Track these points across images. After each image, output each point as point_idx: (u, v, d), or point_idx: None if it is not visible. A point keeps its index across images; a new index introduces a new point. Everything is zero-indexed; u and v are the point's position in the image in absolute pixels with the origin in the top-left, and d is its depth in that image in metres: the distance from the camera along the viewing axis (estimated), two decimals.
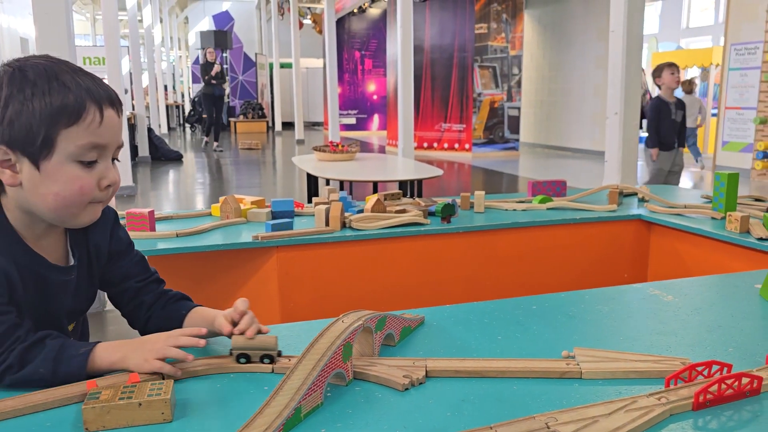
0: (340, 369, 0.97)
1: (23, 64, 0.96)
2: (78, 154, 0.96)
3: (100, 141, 0.98)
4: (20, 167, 0.96)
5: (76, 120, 0.94)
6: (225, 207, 2.27)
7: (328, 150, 5.52)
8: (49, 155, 0.95)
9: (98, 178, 0.99)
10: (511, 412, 0.90)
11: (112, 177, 1.01)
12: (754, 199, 2.58)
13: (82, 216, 1.02)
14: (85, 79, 0.98)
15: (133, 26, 9.67)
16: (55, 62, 0.98)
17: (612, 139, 3.72)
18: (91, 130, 0.96)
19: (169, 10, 19.64)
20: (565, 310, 1.32)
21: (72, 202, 0.98)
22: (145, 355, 0.98)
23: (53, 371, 0.94)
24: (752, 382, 0.94)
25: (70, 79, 0.96)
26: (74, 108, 0.94)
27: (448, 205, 2.21)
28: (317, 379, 0.90)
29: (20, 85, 0.94)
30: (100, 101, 0.97)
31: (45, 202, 0.98)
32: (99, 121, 0.96)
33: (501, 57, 10.76)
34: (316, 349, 0.95)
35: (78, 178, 0.97)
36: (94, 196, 1.00)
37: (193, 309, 1.17)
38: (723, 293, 1.45)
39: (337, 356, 0.96)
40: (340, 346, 0.97)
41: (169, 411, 0.87)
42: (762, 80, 7.54)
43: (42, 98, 0.93)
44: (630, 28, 3.60)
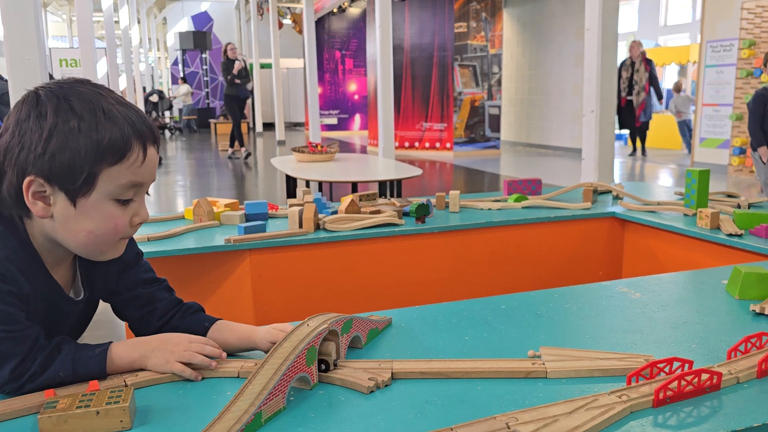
0: (304, 373, 0.96)
1: (68, 93, 0.92)
2: (117, 193, 0.94)
3: (140, 180, 0.96)
4: (54, 200, 0.93)
5: (120, 159, 0.92)
6: (198, 210, 2.25)
7: (307, 151, 5.50)
8: (88, 193, 0.93)
9: (132, 215, 0.98)
10: (474, 412, 0.90)
11: (144, 214, 1.00)
12: (727, 195, 2.61)
13: (110, 252, 1.01)
14: (131, 113, 0.95)
15: (110, 27, 9.55)
16: (100, 92, 0.95)
17: (588, 137, 3.74)
18: (133, 170, 0.94)
19: (147, 11, 19.47)
20: (533, 310, 1.32)
21: (104, 240, 0.97)
22: (167, 357, 1.00)
23: (73, 373, 0.95)
24: (712, 377, 0.95)
25: (117, 114, 0.93)
26: (120, 147, 0.92)
27: (423, 205, 2.21)
28: (279, 384, 0.90)
29: (66, 117, 0.90)
30: (145, 140, 0.95)
31: (76, 238, 0.96)
32: (142, 161, 0.95)
33: (481, 56, 10.79)
34: (278, 354, 0.95)
35: (114, 216, 0.96)
36: (124, 233, 0.99)
37: (216, 322, 1.15)
38: (690, 289, 1.47)
39: (300, 360, 0.95)
40: (304, 350, 0.96)
41: (128, 418, 0.86)
42: (737, 77, 7.64)
43: (89, 134, 0.90)
44: (605, 26, 3.63)
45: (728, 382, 0.97)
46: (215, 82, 20.21)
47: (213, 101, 19.86)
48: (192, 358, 1.00)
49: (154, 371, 1.00)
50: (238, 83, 9.98)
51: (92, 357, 0.98)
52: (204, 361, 1.01)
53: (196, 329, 1.13)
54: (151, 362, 1.00)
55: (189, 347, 1.02)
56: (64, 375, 0.95)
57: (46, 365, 0.94)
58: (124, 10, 13.19)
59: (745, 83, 7.61)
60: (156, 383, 1.00)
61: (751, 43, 7.51)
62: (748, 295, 1.36)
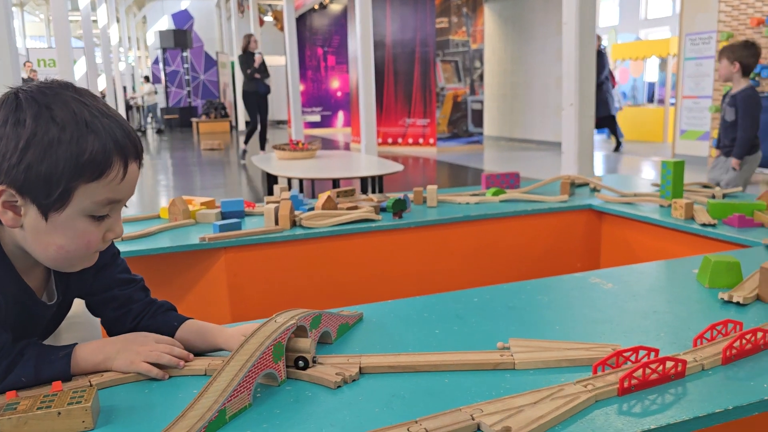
0: (271, 369, 0.96)
1: (50, 100, 0.87)
2: (92, 209, 0.91)
3: (118, 197, 0.93)
4: (25, 211, 0.89)
5: (99, 176, 0.88)
6: (173, 209, 2.23)
7: (288, 148, 5.48)
8: (61, 208, 0.89)
9: (105, 230, 0.95)
10: (441, 405, 0.90)
11: (118, 230, 0.97)
12: (703, 185, 2.63)
13: (80, 265, 0.98)
14: (114, 125, 0.90)
15: (87, 26, 9.47)
16: (84, 101, 0.90)
17: (568, 131, 3.76)
18: (112, 187, 0.90)
19: (126, 10, 19.29)
20: (505, 302, 1.32)
21: (75, 255, 0.94)
22: (132, 357, 0.99)
23: (36, 377, 0.94)
24: (677, 365, 0.96)
25: (100, 125, 0.88)
26: (100, 163, 0.87)
27: (399, 200, 2.21)
28: (244, 380, 0.89)
29: (46, 127, 0.85)
30: (126, 155, 0.91)
31: (46, 251, 0.92)
32: (121, 178, 0.91)
33: (463, 51, 10.80)
34: (244, 350, 0.94)
35: (87, 233, 0.92)
36: (98, 248, 0.97)
37: (185, 322, 1.13)
38: (661, 279, 1.48)
39: (267, 356, 0.95)
40: (270, 346, 0.95)
41: (90, 419, 0.85)
42: (716, 69, 7.70)
43: (68, 147, 0.85)
44: (582, 20, 3.64)
45: (693, 370, 0.98)
46: (196, 81, 20.07)
47: (195, 100, 19.72)
48: (159, 359, 0.99)
49: (119, 372, 0.99)
50: (258, 78, 9.21)
51: (56, 361, 0.96)
52: (172, 361, 1.00)
53: (165, 329, 1.12)
54: (117, 364, 0.99)
55: (156, 347, 1.01)
56: (26, 380, 0.94)
57: (8, 370, 0.93)
58: (102, 9, 13.05)
59: None
60: (121, 383, 0.99)
61: (728, 36, 7.57)
62: (717, 284, 1.38)
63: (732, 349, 1.02)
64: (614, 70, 13.58)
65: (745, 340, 1.03)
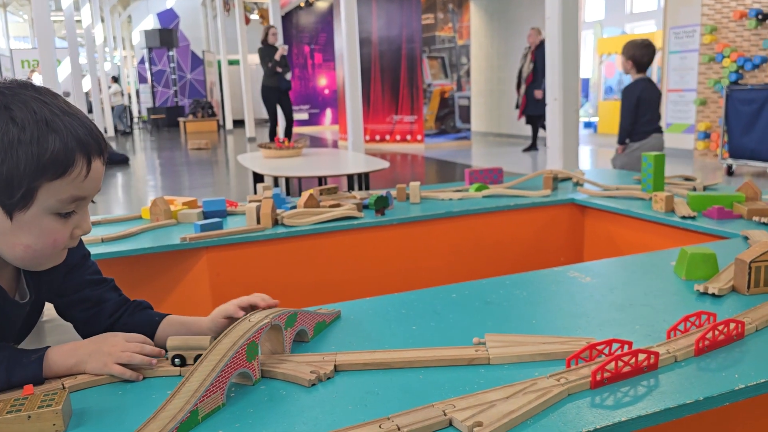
0: (245, 369, 0.95)
1: (9, 100, 0.87)
2: (58, 207, 0.90)
3: (83, 194, 0.92)
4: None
5: (62, 174, 0.88)
6: (154, 209, 2.22)
7: (274, 147, 5.46)
8: (25, 207, 0.88)
9: (73, 227, 0.95)
10: (415, 401, 0.90)
11: (86, 226, 0.96)
12: (685, 178, 2.65)
13: (48, 263, 0.98)
14: (75, 123, 0.90)
15: (71, 26, 9.38)
16: (44, 100, 0.89)
17: (553, 125, 3.77)
18: (76, 184, 0.90)
19: (111, 9, 19.12)
20: (483, 297, 1.33)
21: (42, 254, 0.94)
22: (104, 360, 0.98)
23: (7, 380, 0.93)
24: (649, 357, 0.96)
25: (61, 123, 0.87)
26: (62, 161, 0.87)
27: (381, 197, 2.21)
28: (217, 380, 0.89)
29: (5, 127, 0.85)
30: (89, 152, 0.90)
31: (13, 250, 0.92)
32: (85, 175, 0.90)
33: (449, 47, 10.80)
34: (217, 350, 0.94)
35: (53, 231, 0.92)
36: (66, 246, 0.96)
37: (166, 317, 1.14)
38: (640, 272, 1.48)
39: (240, 356, 0.94)
40: (244, 345, 0.95)
41: (61, 422, 0.84)
42: (700, 62, 7.76)
43: (29, 147, 0.85)
44: (565, 15, 3.65)
45: (666, 361, 0.99)
46: (183, 80, 19.96)
47: (182, 99, 19.61)
48: (131, 359, 0.99)
49: (93, 375, 0.99)
50: (279, 72, 8.56)
51: (28, 364, 0.95)
52: (144, 360, 0.99)
53: (146, 325, 1.12)
54: (89, 367, 0.98)
55: (126, 347, 1.00)
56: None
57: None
58: (86, 9, 12.94)
59: (708, 68, 7.74)
60: (94, 385, 0.98)
61: (712, 29, 7.62)
62: (694, 276, 1.39)
63: (705, 341, 1.02)
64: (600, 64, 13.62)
65: (718, 331, 1.04)
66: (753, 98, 6.32)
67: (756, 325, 1.11)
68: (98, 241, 1.96)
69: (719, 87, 7.55)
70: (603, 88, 13.88)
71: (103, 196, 7.13)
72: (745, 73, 7.39)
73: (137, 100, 21.05)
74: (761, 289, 1.28)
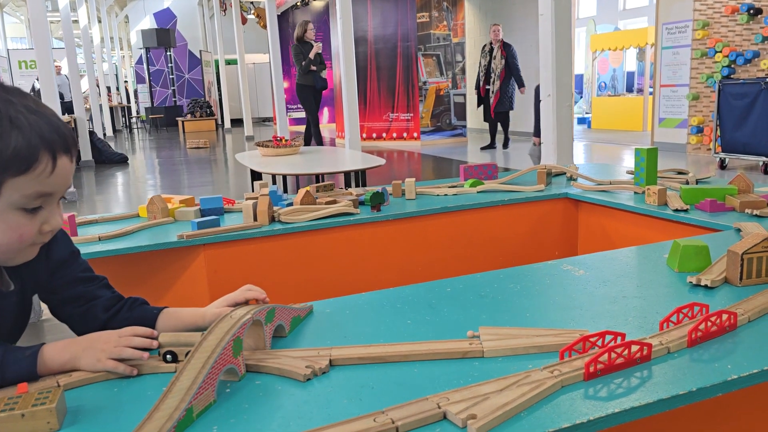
0: (232, 365, 0.96)
1: None
2: (23, 203, 0.91)
3: (48, 190, 0.92)
4: None
5: (25, 170, 0.88)
6: (151, 207, 2.22)
7: (271, 145, 5.46)
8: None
9: (41, 223, 0.94)
10: (410, 394, 0.90)
11: (54, 222, 0.96)
12: (678, 172, 2.66)
13: (18, 258, 0.98)
14: (41, 120, 0.90)
15: (67, 27, 9.36)
16: (9, 98, 0.90)
17: (546, 121, 3.77)
18: (40, 180, 0.90)
19: (108, 9, 19.06)
20: (477, 291, 1.33)
21: (9, 249, 0.94)
22: (98, 355, 0.98)
23: (1, 376, 0.93)
24: (642, 349, 0.97)
25: (25, 121, 0.88)
26: (25, 157, 0.88)
27: (377, 193, 2.21)
28: (207, 377, 0.89)
29: None
30: (55, 149, 0.91)
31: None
32: (50, 171, 0.91)
33: (444, 45, 10.80)
34: (205, 347, 0.94)
35: (19, 226, 0.92)
36: (34, 241, 0.96)
37: (164, 310, 1.16)
38: (632, 265, 1.49)
39: (227, 352, 0.95)
40: (230, 341, 0.95)
41: (55, 420, 0.84)
42: (692, 57, 7.77)
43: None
44: (558, 11, 3.65)
45: (659, 353, 0.99)
46: (181, 80, 19.94)
47: (180, 99, 19.59)
48: (121, 353, 0.99)
49: (87, 371, 0.99)
50: (314, 70, 8.05)
51: (22, 359, 0.96)
52: (134, 354, 0.99)
53: (146, 319, 1.13)
54: (83, 363, 0.99)
55: (119, 342, 1.00)
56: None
57: None
58: (82, 9, 12.89)
59: (700, 63, 7.75)
60: (90, 383, 0.98)
61: (704, 24, 7.63)
62: (687, 268, 1.39)
63: (697, 332, 1.03)
64: (594, 61, 13.63)
65: (711, 322, 1.05)
66: (745, 92, 6.34)
67: (748, 316, 1.11)
68: (95, 240, 1.96)
69: (712, 82, 7.56)
70: (596, 84, 13.89)
71: (102, 195, 7.14)
72: (737, 67, 7.41)
73: (135, 99, 21.01)
74: (753, 281, 1.29)
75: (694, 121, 7.81)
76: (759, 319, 1.12)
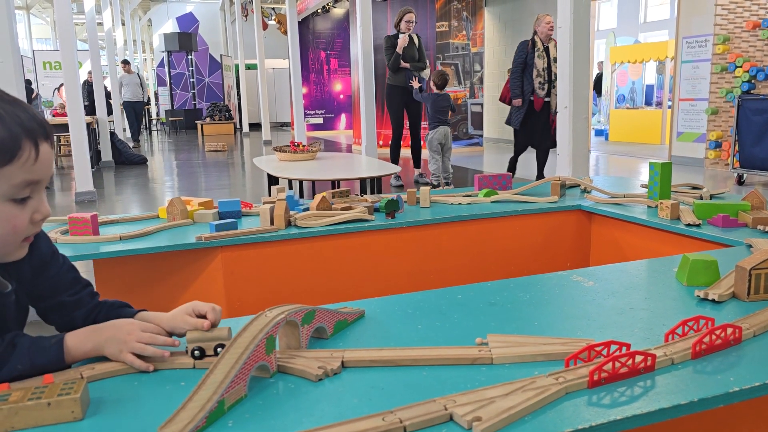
0: (264, 361, 1.00)
1: None
2: (12, 193, 0.92)
3: (35, 178, 0.94)
4: None
5: (10, 160, 0.90)
6: (171, 209, 2.28)
7: (289, 150, 5.52)
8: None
9: (31, 212, 0.96)
10: (418, 396, 0.93)
11: (44, 210, 0.98)
12: (692, 186, 2.67)
13: (14, 254, 1.00)
14: (18, 110, 0.92)
15: (92, 29, 9.52)
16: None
17: (563, 133, 3.80)
18: (27, 168, 0.91)
19: (131, 13, 19.35)
20: (487, 299, 1.36)
21: (5, 242, 0.95)
22: (120, 346, 1.02)
23: (31, 365, 0.97)
24: (646, 359, 0.99)
25: (3, 113, 0.90)
26: (9, 147, 0.89)
27: (392, 200, 2.25)
28: (240, 372, 0.93)
29: None
30: (36, 137, 0.92)
31: None
32: (34, 158, 0.92)
33: (463, 54, 10.84)
34: (239, 343, 0.98)
35: (12, 217, 0.94)
36: (27, 232, 0.98)
37: (139, 313, 1.16)
38: (642, 278, 1.51)
39: (260, 349, 0.98)
40: (263, 339, 0.99)
41: (79, 410, 0.88)
42: (712, 72, 7.74)
43: None
44: (576, 24, 3.68)
45: (663, 364, 1.01)
46: (201, 83, 20.16)
47: (200, 102, 19.80)
48: (143, 351, 1.03)
49: (110, 364, 1.03)
50: (407, 68, 6.47)
51: (48, 347, 1.00)
52: (156, 353, 1.03)
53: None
54: (107, 351, 1.03)
55: (141, 337, 1.04)
56: (22, 367, 0.97)
57: (3, 359, 0.96)
58: (107, 12, 13.11)
59: (720, 78, 7.71)
60: (111, 375, 1.02)
61: (725, 39, 7.60)
62: (695, 282, 1.41)
63: (702, 344, 1.05)
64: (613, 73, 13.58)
65: (715, 335, 1.07)
66: (765, 108, 6.29)
67: (754, 331, 1.13)
68: (116, 239, 2.01)
69: (731, 97, 7.52)
70: (615, 97, 13.83)
71: (122, 196, 7.24)
72: (757, 83, 7.36)
73: (156, 102, 21.26)
74: (761, 296, 1.30)
75: (712, 135, 7.77)
76: (764, 334, 1.14)
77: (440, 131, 6.39)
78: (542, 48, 6.17)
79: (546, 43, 6.19)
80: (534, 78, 6.11)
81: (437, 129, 6.39)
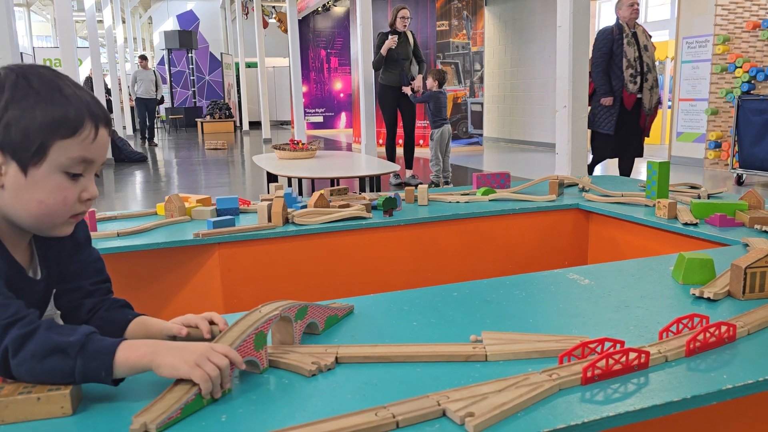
0: (252, 357, 1.00)
1: (27, 72, 0.98)
2: (67, 165, 0.98)
3: (90, 156, 1.00)
4: (6, 169, 0.96)
5: (72, 133, 0.97)
6: (169, 206, 2.28)
7: (288, 148, 5.52)
8: (39, 163, 0.96)
9: (81, 190, 1.01)
10: (412, 393, 0.93)
11: (92, 190, 1.03)
12: (690, 186, 2.67)
13: (61, 228, 1.03)
14: (86, 95, 1.01)
15: (92, 27, 9.53)
16: (58, 75, 1.00)
17: (561, 132, 3.79)
18: (84, 145, 0.98)
19: (132, 11, 19.35)
20: (483, 296, 1.36)
21: (55, 212, 0.99)
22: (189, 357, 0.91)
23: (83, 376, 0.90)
24: (640, 356, 0.99)
25: (72, 93, 0.98)
26: (73, 122, 0.97)
27: (390, 198, 2.25)
28: None
29: (24, 92, 0.95)
30: (97, 119, 1.00)
31: (27, 208, 0.98)
32: (93, 138, 0.99)
33: (463, 53, 10.84)
34: (226, 338, 0.98)
35: (64, 188, 0.98)
36: (74, 209, 1.01)
37: (137, 318, 1.14)
38: (638, 276, 1.51)
39: (247, 345, 0.98)
40: (252, 334, 0.99)
41: (68, 405, 0.88)
42: (712, 72, 7.74)
43: (44, 108, 0.95)
44: (576, 23, 3.67)
45: (656, 361, 1.02)
46: (201, 81, 20.16)
47: (200, 100, 19.80)
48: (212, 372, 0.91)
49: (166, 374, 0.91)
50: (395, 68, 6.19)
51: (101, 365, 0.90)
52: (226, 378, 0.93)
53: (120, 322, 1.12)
54: (164, 359, 0.91)
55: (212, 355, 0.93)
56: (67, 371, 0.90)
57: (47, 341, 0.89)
58: (107, 10, 13.14)
59: (720, 78, 7.71)
60: None
61: (725, 39, 7.60)
62: (691, 280, 1.41)
63: (696, 342, 1.05)
64: None
65: (709, 333, 1.07)
66: (764, 109, 6.30)
67: (748, 329, 1.13)
68: (114, 235, 2.01)
69: (731, 97, 7.52)
70: None
71: (121, 193, 7.24)
72: (757, 83, 7.36)
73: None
74: (756, 295, 1.30)
75: (712, 136, 7.77)
76: (759, 332, 1.14)
77: (446, 129, 6.45)
78: (630, 33, 5.09)
79: (632, 28, 5.13)
80: (624, 69, 5.04)
81: (443, 128, 6.43)
